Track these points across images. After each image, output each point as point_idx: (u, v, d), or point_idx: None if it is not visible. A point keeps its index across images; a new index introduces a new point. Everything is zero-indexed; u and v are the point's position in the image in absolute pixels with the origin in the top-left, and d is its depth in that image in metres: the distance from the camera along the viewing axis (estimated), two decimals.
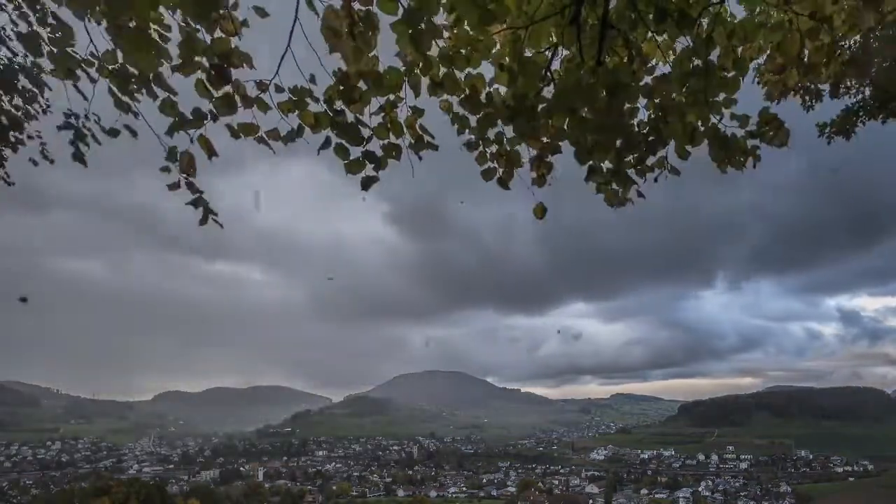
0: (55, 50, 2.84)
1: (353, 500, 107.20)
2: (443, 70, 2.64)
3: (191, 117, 2.68)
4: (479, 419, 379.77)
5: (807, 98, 8.50)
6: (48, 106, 3.65)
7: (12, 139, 3.93)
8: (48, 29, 2.85)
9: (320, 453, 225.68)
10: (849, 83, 7.87)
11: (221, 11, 2.34)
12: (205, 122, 2.68)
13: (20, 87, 3.49)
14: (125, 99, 2.82)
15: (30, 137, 4.04)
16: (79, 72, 2.87)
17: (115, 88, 2.79)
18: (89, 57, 2.80)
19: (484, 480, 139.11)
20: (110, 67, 2.74)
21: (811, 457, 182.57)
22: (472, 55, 2.64)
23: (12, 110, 3.75)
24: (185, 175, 3.02)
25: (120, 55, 2.68)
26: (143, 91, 2.79)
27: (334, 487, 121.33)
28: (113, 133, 3.18)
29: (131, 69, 2.71)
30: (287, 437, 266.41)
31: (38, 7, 2.95)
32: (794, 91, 8.21)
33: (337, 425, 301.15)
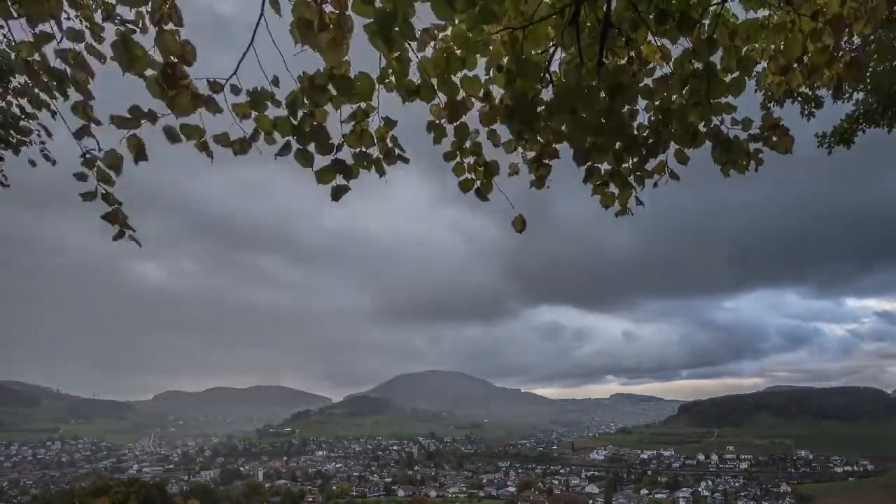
0: None
1: (353, 500, 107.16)
2: (435, 73, 2.54)
3: (128, 115, 2.39)
4: (479, 419, 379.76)
5: (806, 106, 8.47)
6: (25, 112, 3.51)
7: (12, 140, 3.91)
8: None
9: (320, 453, 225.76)
10: (848, 86, 7.81)
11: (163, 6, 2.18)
12: (142, 121, 2.41)
13: (13, 86, 3.45)
14: (43, 96, 2.67)
15: (34, 136, 4.02)
16: None
17: (30, 82, 2.57)
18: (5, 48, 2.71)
19: (484, 480, 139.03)
20: (28, 58, 2.50)
21: (811, 457, 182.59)
22: (468, 57, 2.56)
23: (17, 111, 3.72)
24: (102, 184, 2.71)
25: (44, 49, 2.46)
26: (56, 94, 2.59)
27: (334, 487, 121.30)
28: (24, 132, 3.09)
29: (52, 64, 2.47)
30: (287, 437, 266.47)
31: None
32: (796, 95, 8.19)
33: (337, 425, 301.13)
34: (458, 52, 2.54)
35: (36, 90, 2.61)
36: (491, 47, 2.66)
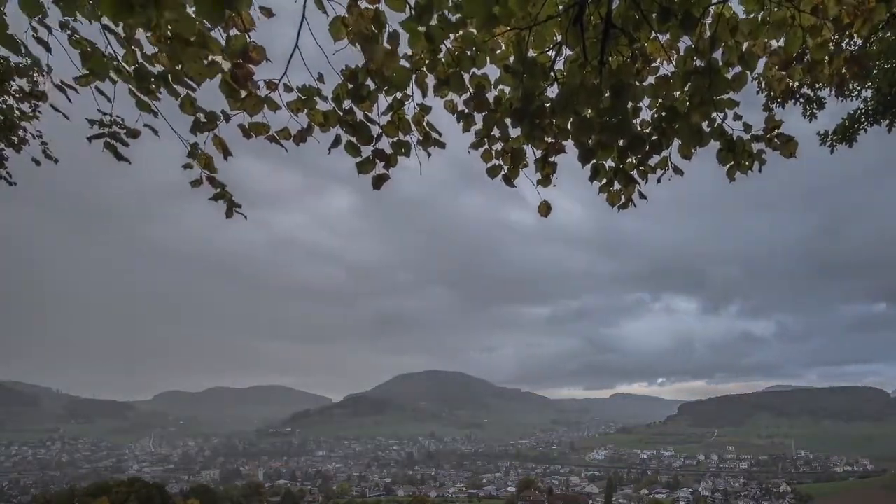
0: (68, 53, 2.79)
1: (353, 500, 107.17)
2: (450, 69, 2.65)
3: (204, 119, 2.72)
4: (479, 419, 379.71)
5: (808, 107, 8.46)
6: (37, 106, 3.59)
7: (14, 139, 3.92)
8: (69, 32, 2.81)
9: (320, 453, 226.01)
10: (850, 85, 7.82)
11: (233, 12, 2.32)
12: (217, 123, 2.73)
13: (14, 88, 3.46)
14: (145, 99, 2.82)
15: (32, 137, 4.03)
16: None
17: (134, 89, 2.79)
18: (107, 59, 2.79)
19: (484, 480, 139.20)
20: (129, 68, 2.74)
21: (811, 457, 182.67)
22: (478, 56, 2.65)
23: (17, 110, 3.73)
24: (206, 171, 3.05)
25: (139, 55, 2.68)
26: (161, 90, 2.81)
27: (334, 487, 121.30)
28: (133, 134, 3.19)
29: (150, 68, 2.72)
30: (287, 437, 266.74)
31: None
32: (796, 94, 8.18)
33: (337, 425, 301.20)
34: (469, 52, 2.63)
35: (139, 94, 2.79)
36: (498, 52, 2.72)
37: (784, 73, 2.94)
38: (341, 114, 2.69)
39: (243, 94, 2.53)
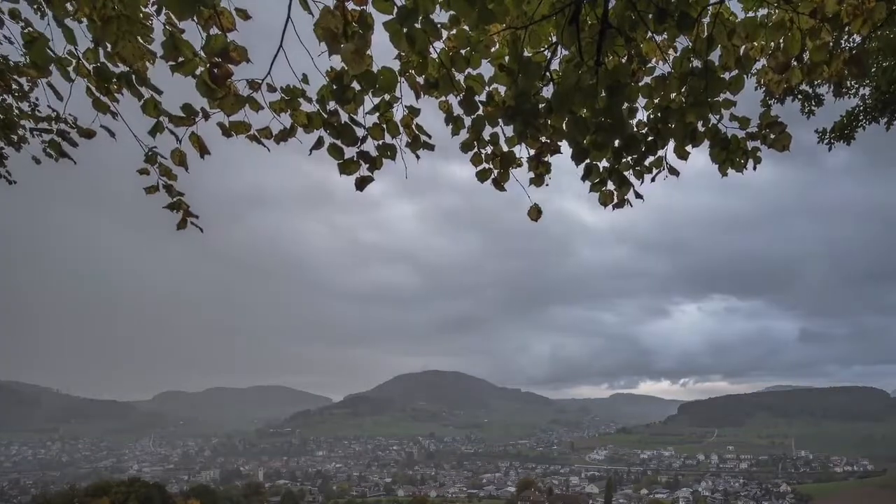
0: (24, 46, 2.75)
1: (353, 500, 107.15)
2: (441, 71, 2.60)
3: (182, 114, 2.64)
4: (479, 419, 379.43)
5: (807, 104, 8.46)
6: (36, 105, 3.61)
7: (14, 137, 3.92)
8: (21, 24, 2.78)
9: (320, 453, 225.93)
10: (849, 83, 7.81)
11: (212, 9, 2.29)
12: (196, 119, 2.64)
13: (14, 86, 3.46)
14: (104, 99, 2.76)
15: (33, 135, 4.03)
16: (53, 69, 2.76)
17: (93, 88, 2.73)
18: (67, 56, 2.73)
19: (484, 480, 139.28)
20: (90, 66, 2.68)
21: (811, 457, 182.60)
22: (472, 56, 2.61)
23: (16, 109, 3.73)
24: (164, 178, 3.00)
25: (102, 53, 2.62)
26: (124, 91, 2.74)
27: (334, 487, 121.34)
28: (88, 134, 3.14)
29: (113, 68, 2.65)
30: (287, 437, 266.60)
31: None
32: (796, 93, 8.18)
33: (337, 425, 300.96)
34: (463, 52, 2.58)
35: (97, 94, 2.73)
36: (493, 49, 2.69)
37: (782, 75, 2.94)
38: (325, 116, 2.63)
39: (220, 92, 2.45)
